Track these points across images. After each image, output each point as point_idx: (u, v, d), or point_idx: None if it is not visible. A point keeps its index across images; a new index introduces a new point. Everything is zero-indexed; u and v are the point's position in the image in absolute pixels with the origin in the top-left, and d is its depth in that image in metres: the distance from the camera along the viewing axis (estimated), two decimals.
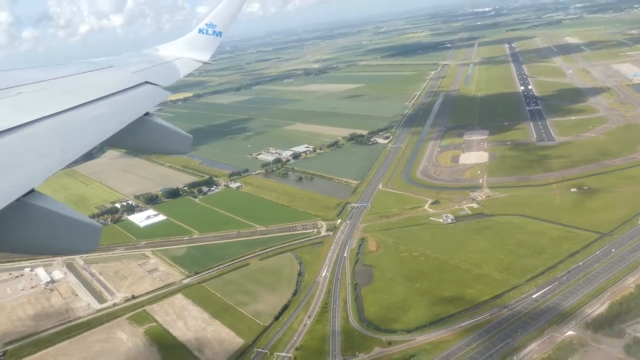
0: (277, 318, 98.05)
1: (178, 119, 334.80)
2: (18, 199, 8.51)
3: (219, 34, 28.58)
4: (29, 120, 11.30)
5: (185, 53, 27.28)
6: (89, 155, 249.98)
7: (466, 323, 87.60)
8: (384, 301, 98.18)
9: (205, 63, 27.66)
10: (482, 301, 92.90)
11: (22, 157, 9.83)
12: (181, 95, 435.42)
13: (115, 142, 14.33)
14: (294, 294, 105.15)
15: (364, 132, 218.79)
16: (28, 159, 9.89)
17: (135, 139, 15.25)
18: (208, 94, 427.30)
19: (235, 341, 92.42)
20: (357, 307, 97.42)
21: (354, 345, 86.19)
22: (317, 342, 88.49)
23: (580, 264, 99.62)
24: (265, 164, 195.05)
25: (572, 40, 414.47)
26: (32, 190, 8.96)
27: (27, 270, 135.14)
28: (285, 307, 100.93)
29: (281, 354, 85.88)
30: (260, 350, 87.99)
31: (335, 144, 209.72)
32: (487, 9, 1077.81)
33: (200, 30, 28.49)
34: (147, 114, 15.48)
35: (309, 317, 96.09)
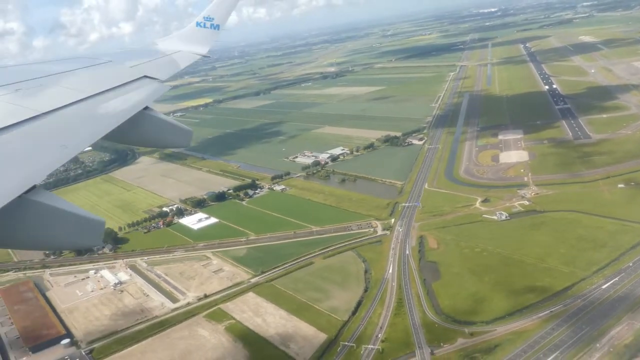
0: (353, 313, 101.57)
1: (205, 124, 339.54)
2: (20, 196, 8.58)
3: (217, 27, 28.47)
4: (28, 116, 11.38)
5: (183, 46, 27.17)
6: (123, 162, 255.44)
7: (543, 313, 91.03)
8: (457, 295, 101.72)
9: (203, 56, 27.44)
10: (555, 292, 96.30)
11: (22, 153, 9.96)
12: (201, 101, 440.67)
13: (115, 136, 14.22)
14: (365, 290, 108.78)
15: (397, 134, 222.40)
16: (29, 155, 9.98)
17: (135, 133, 15.36)
18: (228, 99, 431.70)
19: (318, 336, 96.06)
20: (432, 301, 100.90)
21: (437, 337, 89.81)
22: (401, 335, 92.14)
23: None
24: (305, 167, 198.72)
25: (587, 39, 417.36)
26: (34, 187, 9.04)
27: (91, 272, 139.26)
28: (359, 303, 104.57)
29: (369, 346, 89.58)
30: (345, 343, 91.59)
31: (370, 146, 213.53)
32: (492, 10, 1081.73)
33: (198, 24, 28.48)
34: (146, 107, 15.56)
35: (387, 311, 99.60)
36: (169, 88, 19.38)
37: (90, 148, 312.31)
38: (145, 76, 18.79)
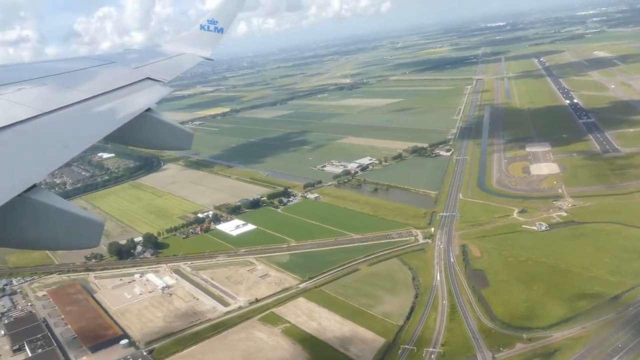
0: (407, 318, 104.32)
1: (225, 132, 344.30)
2: (20, 195, 8.62)
3: (221, 30, 28.58)
4: (30, 115, 11.43)
5: (187, 49, 27.23)
6: (149, 168, 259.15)
7: (598, 320, 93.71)
8: (509, 302, 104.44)
9: (207, 59, 27.38)
10: (606, 300, 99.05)
11: (23, 152, 10.01)
12: (218, 110, 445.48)
13: (117, 137, 14.28)
14: (416, 297, 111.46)
15: (424, 145, 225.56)
16: (30, 154, 10.04)
17: (137, 134, 15.38)
18: (245, 109, 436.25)
19: (376, 339, 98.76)
20: (484, 308, 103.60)
21: (496, 342, 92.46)
22: (459, 339, 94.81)
23: None
24: (336, 176, 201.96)
25: (601, 54, 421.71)
26: (34, 186, 9.07)
27: (137, 276, 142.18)
28: (412, 309, 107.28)
29: (430, 349, 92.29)
30: (406, 346, 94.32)
31: (398, 157, 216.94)
32: (501, 24, 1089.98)
33: (202, 27, 28.63)
34: (148, 109, 15.60)
35: (442, 316, 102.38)
36: (171, 90, 19.31)
37: (113, 155, 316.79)
38: (149, 78, 18.82)
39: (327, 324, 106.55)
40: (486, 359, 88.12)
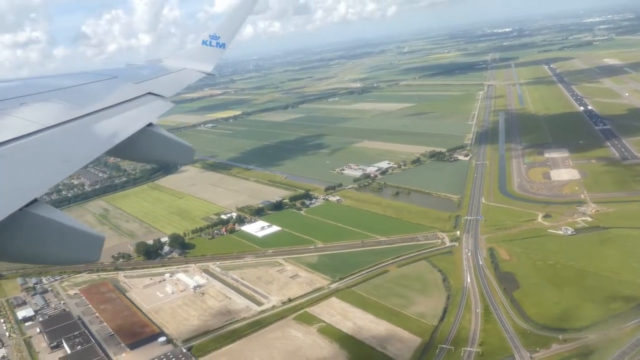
0: (441, 319, 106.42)
1: (239, 135, 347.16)
2: (21, 209, 8.68)
3: (223, 45, 28.82)
4: (32, 130, 11.51)
5: (189, 64, 27.58)
6: (167, 170, 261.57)
7: (632, 322, 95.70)
8: (541, 304, 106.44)
9: (208, 74, 27.63)
10: (638, 304, 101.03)
11: (25, 166, 9.98)
12: (230, 113, 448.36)
13: (119, 152, 14.51)
14: (448, 298, 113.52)
15: (442, 150, 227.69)
16: (31, 168, 9.99)
17: (138, 149, 15.52)
18: (256, 112, 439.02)
19: (413, 338, 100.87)
20: (517, 309, 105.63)
21: (532, 342, 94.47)
22: (495, 339, 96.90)
23: None
24: (356, 179, 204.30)
25: (612, 61, 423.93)
26: (35, 200, 9.13)
27: (167, 275, 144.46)
28: (445, 310, 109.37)
29: (468, 348, 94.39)
30: (443, 346, 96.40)
31: (417, 161, 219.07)
32: (507, 30, 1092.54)
33: (204, 42, 28.88)
34: (150, 124, 15.77)
35: (476, 317, 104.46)
36: (173, 105, 19.24)
37: None
38: (150, 93, 19.00)
39: (362, 323, 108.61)
40: (524, 358, 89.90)
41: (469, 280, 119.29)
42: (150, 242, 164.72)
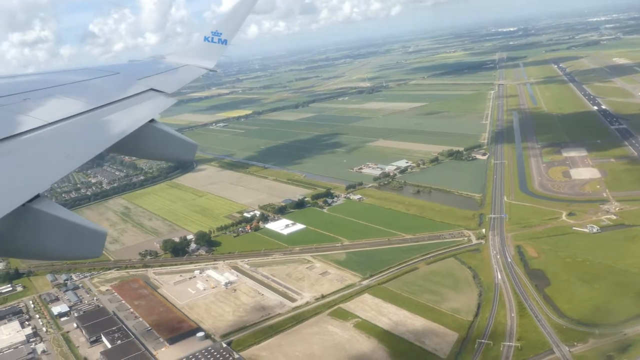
0: (476, 314, 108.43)
1: (252, 134, 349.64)
2: (23, 204, 8.74)
3: (225, 42, 28.76)
4: (35, 126, 11.55)
5: (190, 60, 27.46)
6: (184, 169, 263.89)
7: None
8: (574, 299, 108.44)
9: (210, 70, 27.66)
10: None
11: (28, 162, 10.04)
12: (241, 112, 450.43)
13: (121, 148, 14.59)
14: (480, 294, 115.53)
15: (458, 149, 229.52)
16: (34, 164, 10.06)
17: (140, 145, 15.59)
18: (267, 111, 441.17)
19: (450, 333, 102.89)
20: (550, 305, 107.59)
21: (568, 337, 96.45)
22: (533, 334, 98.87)
23: None
24: (376, 178, 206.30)
25: (621, 61, 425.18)
26: (38, 196, 9.17)
27: (196, 272, 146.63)
28: (478, 305, 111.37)
29: (507, 343, 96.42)
30: (482, 340, 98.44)
31: (435, 160, 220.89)
32: (512, 29, 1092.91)
33: (206, 39, 28.77)
34: (152, 120, 15.80)
35: (511, 312, 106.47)
36: (175, 101, 19.33)
37: None
38: (152, 89, 19.04)
39: (398, 319, 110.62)
40: (564, 352, 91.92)
41: (499, 277, 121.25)
42: (177, 239, 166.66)
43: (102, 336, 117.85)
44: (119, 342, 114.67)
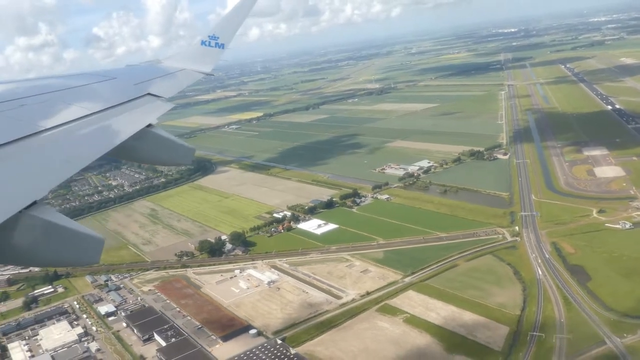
0: (523, 309, 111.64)
1: (266, 136, 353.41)
2: (21, 211, 8.77)
3: (222, 46, 28.61)
4: (32, 131, 11.50)
5: (187, 64, 27.42)
6: (205, 171, 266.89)
7: None
8: (617, 293, 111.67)
9: (207, 74, 27.48)
10: None
11: (25, 168, 10.03)
12: (252, 115, 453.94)
13: (118, 153, 14.47)
14: (524, 289, 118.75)
15: (479, 149, 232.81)
16: (31, 170, 10.06)
17: (138, 150, 15.60)
18: (278, 113, 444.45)
19: (500, 327, 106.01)
20: (594, 299, 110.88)
21: (618, 329, 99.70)
22: (582, 327, 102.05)
23: None
24: (401, 178, 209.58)
25: (629, 61, 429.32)
26: (35, 202, 9.16)
27: (237, 271, 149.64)
28: (524, 300, 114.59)
29: (559, 335, 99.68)
30: (533, 333, 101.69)
31: (458, 160, 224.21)
32: (513, 30, 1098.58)
33: (203, 42, 28.63)
34: (149, 125, 15.86)
35: (557, 306, 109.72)
36: (173, 106, 19.44)
37: None
38: (149, 94, 19.06)
39: (446, 314, 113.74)
40: (616, 343, 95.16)
41: (540, 272, 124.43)
42: (212, 240, 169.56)
43: (155, 334, 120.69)
44: (173, 339, 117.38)
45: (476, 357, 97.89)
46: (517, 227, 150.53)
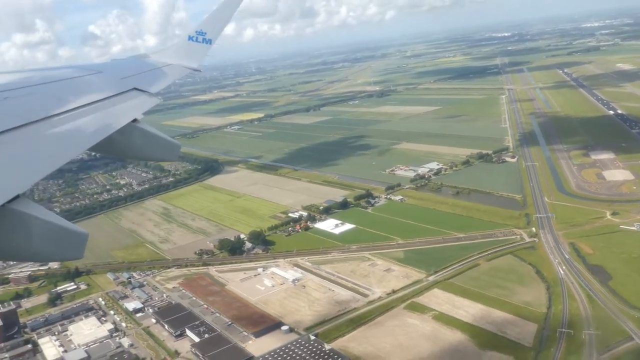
0: (548, 307, 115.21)
1: (270, 137, 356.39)
2: (3, 205, 8.71)
3: (209, 41, 28.42)
4: (16, 125, 11.31)
5: (175, 60, 27.17)
6: (213, 171, 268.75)
7: None
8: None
9: (194, 70, 27.41)
10: None
11: (8, 162, 9.93)
12: (252, 115, 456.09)
13: (103, 148, 14.45)
14: (547, 288, 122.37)
15: (487, 152, 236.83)
16: (14, 164, 9.96)
17: (123, 145, 15.52)
18: (279, 115, 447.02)
19: (528, 324, 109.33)
20: (618, 297, 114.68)
21: None
22: (609, 324, 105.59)
23: None
24: (413, 179, 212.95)
25: (625, 66, 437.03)
26: (17, 196, 9.14)
27: (260, 270, 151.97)
28: (549, 298, 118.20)
29: (587, 331, 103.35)
30: (562, 330, 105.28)
31: (467, 162, 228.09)
32: (506, 34, 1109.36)
33: (190, 38, 28.42)
34: (135, 120, 15.75)
35: (582, 304, 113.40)
36: (159, 100, 19.35)
37: None
38: (135, 88, 18.92)
39: (473, 311, 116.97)
40: None
41: (562, 272, 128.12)
42: (232, 238, 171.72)
43: (187, 330, 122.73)
44: (206, 335, 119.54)
45: (508, 353, 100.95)
46: (533, 228, 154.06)
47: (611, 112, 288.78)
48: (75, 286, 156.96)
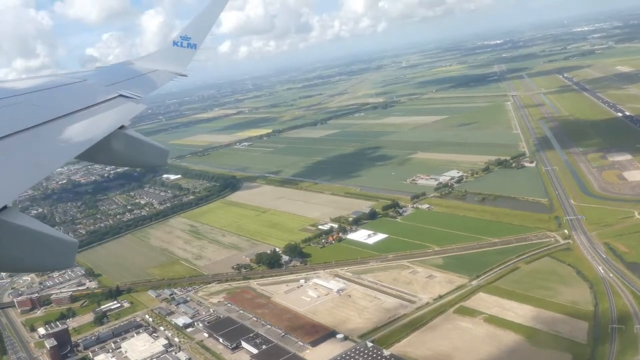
0: (595, 305, 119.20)
1: (282, 152, 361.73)
2: None
3: (194, 46, 28.41)
4: None
5: (160, 65, 27.09)
6: (233, 187, 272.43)
7: None
8: None
9: (180, 75, 27.25)
10: None
11: None
12: (261, 131, 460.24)
13: (90, 156, 14.43)
14: (591, 287, 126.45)
15: (505, 158, 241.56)
16: (0, 175, 9.93)
17: (110, 152, 15.46)
18: (287, 129, 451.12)
19: (579, 322, 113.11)
20: None
21: None
22: None
23: None
24: (437, 188, 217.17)
25: (625, 69, 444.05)
26: (5, 207, 9.12)
27: (302, 281, 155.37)
28: (594, 296, 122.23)
29: (639, 325, 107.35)
30: (614, 325, 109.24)
31: (487, 169, 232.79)
32: (498, 42, 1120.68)
33: (175, 43, 28.47)
34: (122, 127, 15.69)
35: (628, 300, 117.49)
36: (144, 107, 19.28)
37: (180, 175, 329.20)
38: (121, 95, 18.82)
39: (523, 312, 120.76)
40: None
41: (602, 271, 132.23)
42: (269, 252, 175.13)
43: (242, 342, 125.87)
44: (263, 347, 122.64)
45: (565, 351, 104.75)
46: (566, 230, 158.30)
47: (619, 114, 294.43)
48: (118, 304, 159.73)
